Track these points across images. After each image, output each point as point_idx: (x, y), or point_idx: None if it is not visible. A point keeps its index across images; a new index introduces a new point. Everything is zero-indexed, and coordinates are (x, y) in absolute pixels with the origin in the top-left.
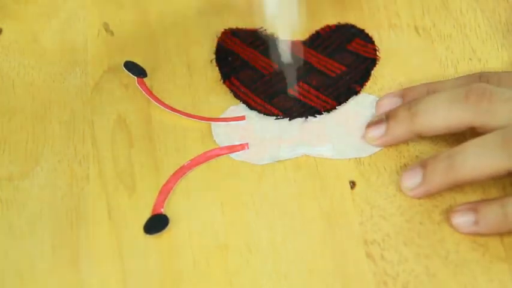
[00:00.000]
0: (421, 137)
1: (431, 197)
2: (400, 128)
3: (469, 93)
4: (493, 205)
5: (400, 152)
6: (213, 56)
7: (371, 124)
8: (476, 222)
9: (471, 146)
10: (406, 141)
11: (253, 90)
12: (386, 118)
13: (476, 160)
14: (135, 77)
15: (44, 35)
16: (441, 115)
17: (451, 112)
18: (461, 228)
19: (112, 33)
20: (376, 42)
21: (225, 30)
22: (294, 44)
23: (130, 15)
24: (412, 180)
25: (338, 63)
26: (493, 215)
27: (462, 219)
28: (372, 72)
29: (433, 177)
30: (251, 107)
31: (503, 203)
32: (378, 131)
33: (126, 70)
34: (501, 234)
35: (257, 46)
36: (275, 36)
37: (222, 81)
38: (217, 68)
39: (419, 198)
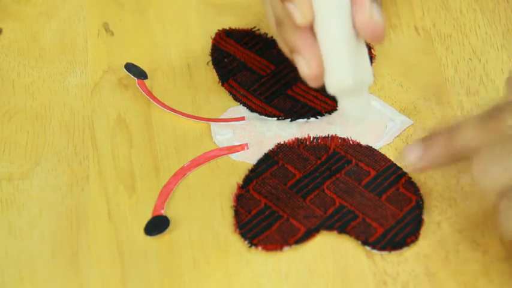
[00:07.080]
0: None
1: (431, 197)
2: (437, 149)
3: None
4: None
5: (400, 153)
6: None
7: (407, 148)
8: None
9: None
10: (446, 165)
11: (252, 92)
12: (422, 141)
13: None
14: (136, 79)
15: (44, 35)
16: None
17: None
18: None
19: (112, 33)
20: None
21: (219, 31)
22: None
23: (131, 15)
24: (413, 154)
25: None
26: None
27: (413, 154)
28: None
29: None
30: (252, 110)
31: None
32: (414, 155)
33: (127, 72)
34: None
35: (252, 46)
36: (269, 36)
37: (220, 83)
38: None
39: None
